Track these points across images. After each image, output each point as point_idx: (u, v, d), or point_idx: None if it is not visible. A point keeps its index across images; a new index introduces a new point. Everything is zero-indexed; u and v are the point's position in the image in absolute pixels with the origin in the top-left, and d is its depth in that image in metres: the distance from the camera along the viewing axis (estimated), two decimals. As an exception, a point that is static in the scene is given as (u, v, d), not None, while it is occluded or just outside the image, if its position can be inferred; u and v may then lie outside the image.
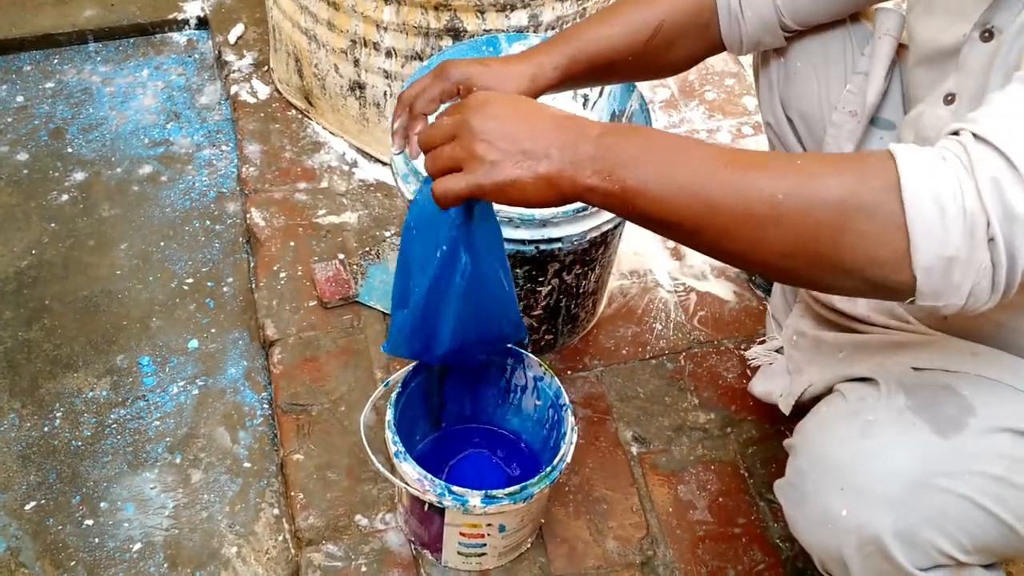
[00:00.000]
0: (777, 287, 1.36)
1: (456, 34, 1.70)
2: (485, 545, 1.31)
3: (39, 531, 1.49)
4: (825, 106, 1.30)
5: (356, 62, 1.79)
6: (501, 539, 1.31)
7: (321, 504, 1.45)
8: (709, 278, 1.77)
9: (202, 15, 2.26)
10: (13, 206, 1.92)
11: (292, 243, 1.78)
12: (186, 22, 2.26)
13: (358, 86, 1.84)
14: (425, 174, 0.97)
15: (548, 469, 1.24)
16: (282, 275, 1.74)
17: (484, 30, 1.69)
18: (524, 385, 1.40)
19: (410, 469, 1.22)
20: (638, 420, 1.56)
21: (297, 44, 1.88)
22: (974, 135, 0.75)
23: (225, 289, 1.81)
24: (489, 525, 1.27)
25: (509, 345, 1.34)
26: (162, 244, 1.87)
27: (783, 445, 1.11)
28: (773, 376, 1.39)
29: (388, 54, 1.75)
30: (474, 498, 1.20)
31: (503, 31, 1.70)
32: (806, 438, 1.03)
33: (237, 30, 2.17)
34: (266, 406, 1.65)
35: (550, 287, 1.49)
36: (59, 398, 1.64)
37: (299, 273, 1.73)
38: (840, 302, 1.20)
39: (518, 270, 1.43)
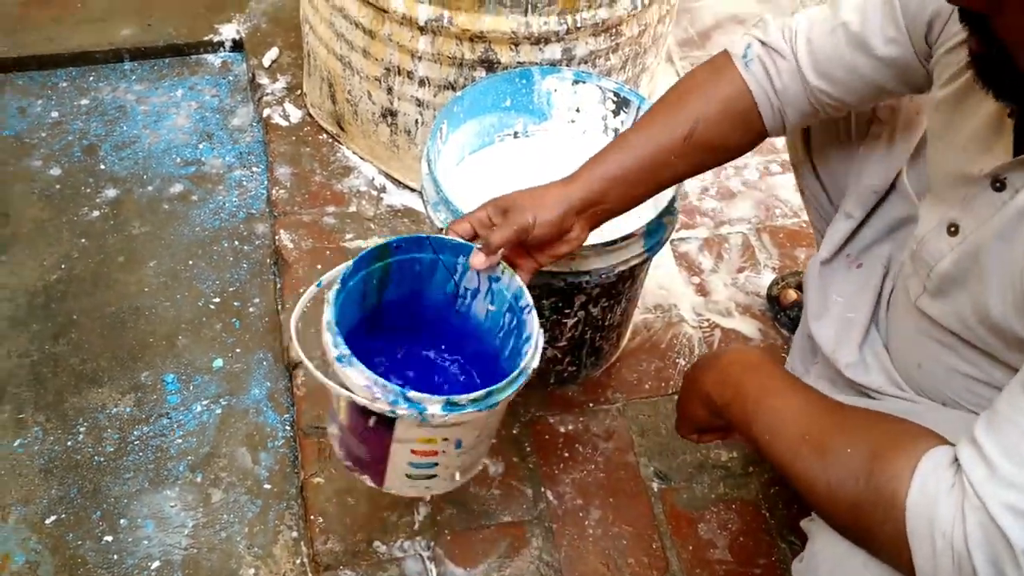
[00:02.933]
0: (795, 348, 1.36)
1: (490, 65, 1.71)
2: (436, 465, 1.18)
3: (59, 546, 1.49)
4: (847, 157, 1.31)
5: (389, 90, 1.81)
6: (456, 457, 1.18)
7: (339, 528, 1.45)
8: (734, 315, 1.77)
9: (238, 38, 2.29)
10: (45, 220, 1.94)
11: (319, 266, 1.79)
12: (221, 44, 2.29)
13: (390, 113, 1.86)
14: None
15: (515, 374, 1.11)
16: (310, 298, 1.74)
17: (517, 62, 1.71)
18: (476, 288, 1.26)
19: (357, 375, 1.06)
20: (660, 456, 1.56)
21: (331, 70, 1.90)
22: (984, 462, 0.84)
23: (251, 309, 1.82)
24: (445, 440, 1.13)
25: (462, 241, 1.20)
26: (190, 263, 1.89)
27: (801, 526, 1.12)
28: None
29: (421, 83, 1.77)
30: (433, 405, 1.05)
31: (536, 63, 1.71)
32: (822, 525, 1.04)
33: (272, 54, 2.19)
34: (288, 428, 1.65)
35: (576, 319, 1.49)
36: (83, 413, 1.65)
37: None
38: (855, 373, 1.20)
39: (544, 301, 1.44)
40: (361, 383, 1.06)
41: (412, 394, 1.05)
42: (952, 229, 1.03)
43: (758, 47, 1.17)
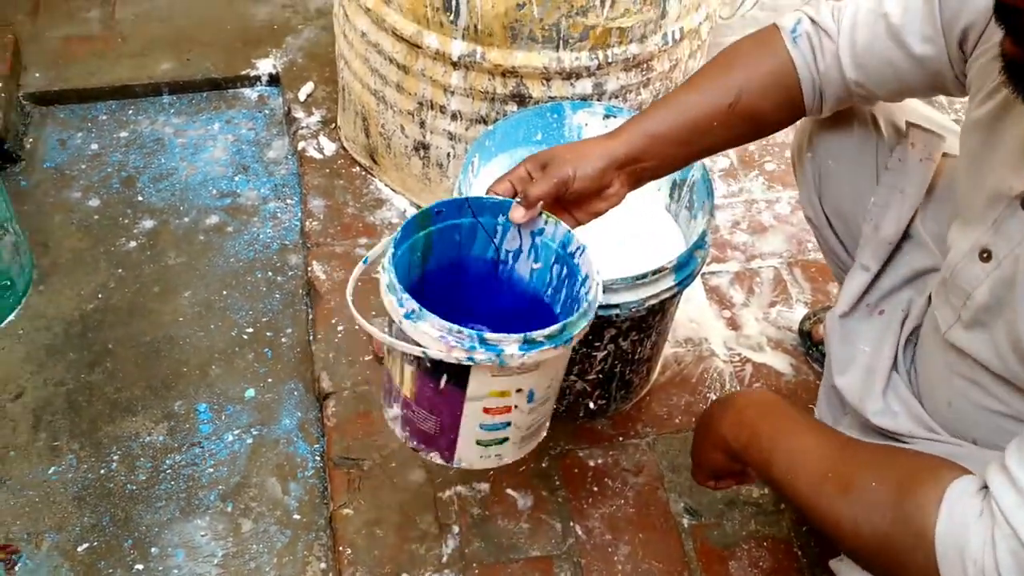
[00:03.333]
0: (822, 400, 1.35)
1: (521, 100, 1.73)
2: (509, 426, 1.16)
3: (90, 574, 1.50)
4: (859, 206, 1.30)
5: (422, 123, 1.83)
6: (527, 413, 1.16)
7: (368, 560, 1.45)
8: (766, 349, 1.76)
9: (274, 72, 2.32)
10: (83, 250, 1.97)
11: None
12: (258, 78, 2.33)
13: (423, 146, 1.88)
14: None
15: (584, 307, 1.09)
16: (340, 329, 1.76)
17: (549, 97, 1.72)
18: (518, 248, 1.24)
19: (429, 327, 1.04)
20: (690, 492, 1.55)
21: (366, 104, 1.92)
22: (1014, 489, 0.85)
23: (283, 340, 1.84)
24: (519, 392, 1.11)
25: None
26: (224, 293, 1.91)
27: (830, 565, 1.11)
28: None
29: (454, 117, 1.79)
30: (510, 345, 1.03)
31: (567, 98, 1.72)
32: (851, 565, 1.03)
33: (307, 88, 2.23)
34: (318, 458, 1.66)
35: (605, 352, 1.49)
36: (117, 441, 1.67)
37: (356, 327, 1.75)
38: (883, 420, 1.19)
39: (574, 334, 1.44)
40: (435, 335, 1.03)
41: (489, 336, 1.03)
42: (984, 255, 1.02)
43: (808, 24, 1.18)
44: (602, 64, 1.69)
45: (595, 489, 1.55)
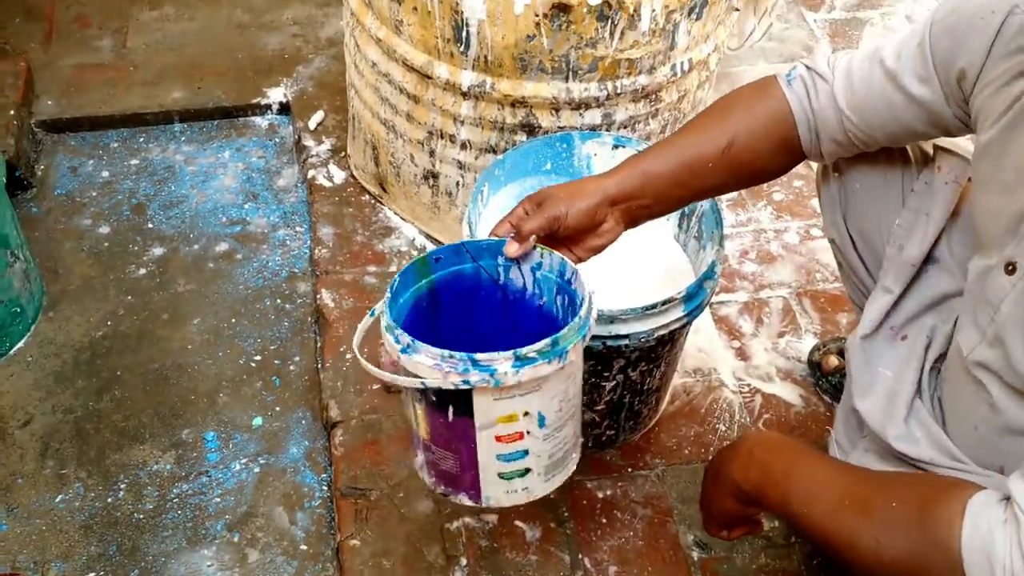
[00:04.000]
0: (839, 422, 1.35)
1: (531, 130, 1.73)
2: (527, 454, 1.15)
3: (96, 603, 1.50)
4: (884, 228, 1.31)
5: (432, 152, 1.84)
6: (542, 440, 1.15)
7: (375, 592, 1.44)
8: (775, 380, 1.75)
9: (284, 101, 2.34)
10: (92, 278, 1.98)
11: (359, 325, 1.80)
12: (269, 107, 2.34)
13: (432, 175, 1.88)
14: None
15: (576, 321, 1.10)
16: (348, 357, 1.76)
17: (558, 127, 1.73)
18: (523, 287, 1.25)
19: (424, 357, 1.06)
20: (700, 523, 1.53)
21: (376, 133, 1.93)
22: None
23: (291, 367, 1.84)
24: (526, 415, 1.11)
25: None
26: (233, 320, 1.91)
27: None
28: None
29: (463, 146, 1.79)
30: (503, 363, 1.04)
31: (577, 128, 1.73)
32: None
33: (317, 117, 2.24)
34: (325, 488, 1.65)
35: (614, 383, 1.49)
36: (124, 469, 1.67)
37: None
38: (904, 446, 1.18)
39: (583, 364, 1.43)
40: (429, 363, 1.05)
41: (480, 356, 1.04)
42: (1010, 268, 1.03)
43: (802, 69, 1.22)
44: (611, 95, 1.69)
45: (604, 521, 1.54)
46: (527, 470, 1.17)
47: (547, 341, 1.06)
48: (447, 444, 1.15)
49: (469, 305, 1.26)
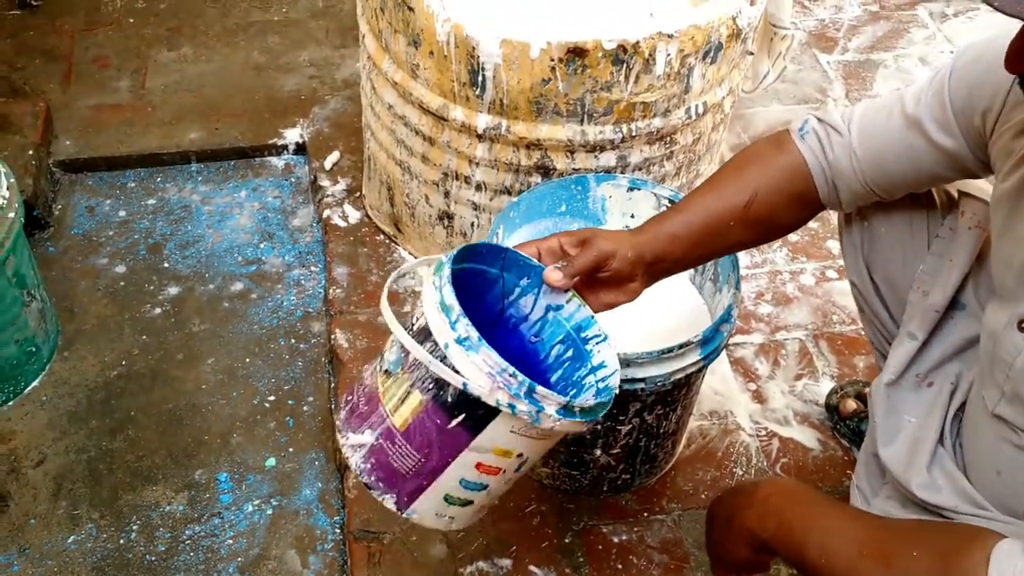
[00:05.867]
0: (861, 468, 1.33)
1: (545, 171, 1.74)
2: (484, 489, 1.10)
3: (106, 647, 1.48)
4: (908, 273, 1.30)
5: (447, 194, 1.85)
6: (505, 483, 1.12)
7: (388, 638, 1.42)
8: (792, 424, 1.74)
9: (301, 141, 2.36)
10: (108, 317, 1.98)
11: (373, 367, 1.80)
12: (285, 147, 2.36)
13: (446, 216, 1.89)
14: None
15: (607, 398, 1.09)
16: (362, 398, 1.75)
17: (573, 169, 1.73)
18: (526, 315, 1.22)
19: (483, 360, 0.99)
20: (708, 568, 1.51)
21: (391, 174, 1.94)
22: None
23: (305, 408, 1.83)
24: (520, 456, 1.07)
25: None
26: (247, 360, 1.91)
27: None
28: None
29: (478, 187, 1.80)
30: (551, 405, 1.01)
31: (592, 170, 1.73)
32: None
33: (333, 157, 2.25)
34: (338, 531, 1.64)
35: (630, 426, 1.48)
36: (137, 510, 1.66)
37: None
38: (927, 494, 1.17)
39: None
40: (484, 369, 0.98)
41: (540, 389, 0.99)
42: (1022, 325, 1.02)
43: (815, 122, 1.22)
44: (626, 137, 1.70)
45: (619, 567, 1.52)
46: (470, 502, 1.12)
47: (591, 403, 1.06)
48: (421, 446, 1.05)
49: (465, 302, 1.14)
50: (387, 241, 2.08)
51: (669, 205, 1.56)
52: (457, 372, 0.99)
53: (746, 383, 1.81)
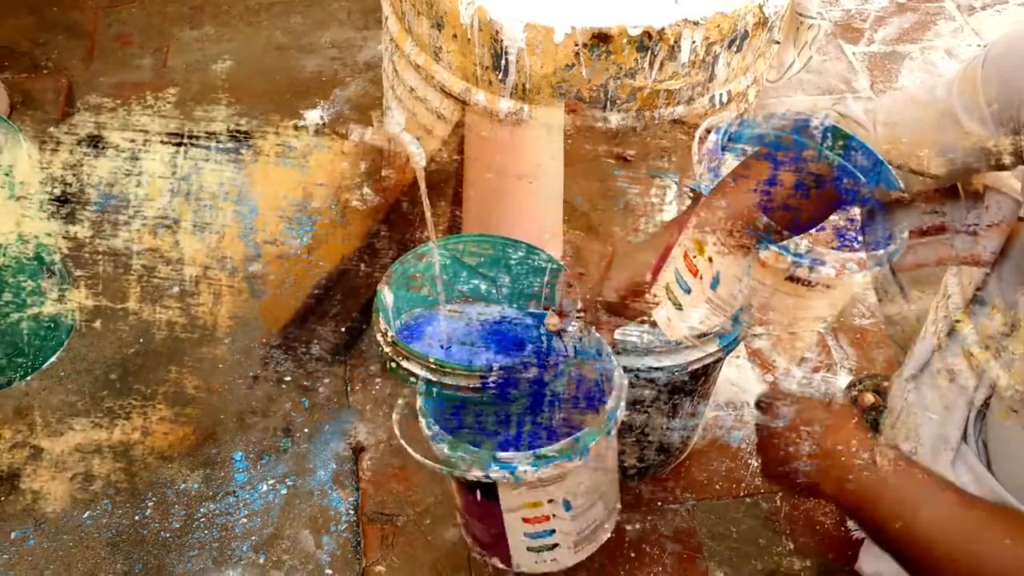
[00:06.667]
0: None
1: (567, 157, 1.73)
2: (554, 533, 1.18)
3: (120, 621, 1.50)
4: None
5: (467, 178, 1.84)
6: (570, 521, 1.18)
7: (400, 620, 1.43)
8: (809, 416, 1.73)
9: (321, 123, 2.35)
10: (127, 295, 1.99)
11: (390, 350, 1.80)
12: (305, 128, 2.35)
13: (466, 200, 1.89)
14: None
15: (604, 424, 1.13)
16: (377, 381, 1.75)
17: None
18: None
19: (446, 447, 1.12)
20: (730, 560, 1.51)
21: (411, 156, 1.94)
22: None
23: (321, 390, 1.84)
24: (551, 502, 1.14)
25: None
26: (264, 340, 1.91)
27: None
28: (884, 555, 1.33)
29: (499, 172, 1.79)
30: (523, 463, 1.09)
31: (613, 157, 1.72)
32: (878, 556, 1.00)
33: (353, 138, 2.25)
34: (352, 512, 1.64)
35: (645, 415, 1.47)
36: (152, 487, 1.67)
37: (392, 383, 1.75)
38: None
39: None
40: (453, 455, 1.11)
41: (501, 455, 1.09)
42: None
43: (836, 117, 1.21)
44: (648, 124, 1.69)
45: (632, 555, 1.52)
46: (555, 545, 1.21)
47: (569, 441, 1.10)
48: (479, 517, 1.20)
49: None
50: (406, 224, 2.07)
51: (690, 195, 1.55)
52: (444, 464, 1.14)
53: (763, 374, 1.80)
